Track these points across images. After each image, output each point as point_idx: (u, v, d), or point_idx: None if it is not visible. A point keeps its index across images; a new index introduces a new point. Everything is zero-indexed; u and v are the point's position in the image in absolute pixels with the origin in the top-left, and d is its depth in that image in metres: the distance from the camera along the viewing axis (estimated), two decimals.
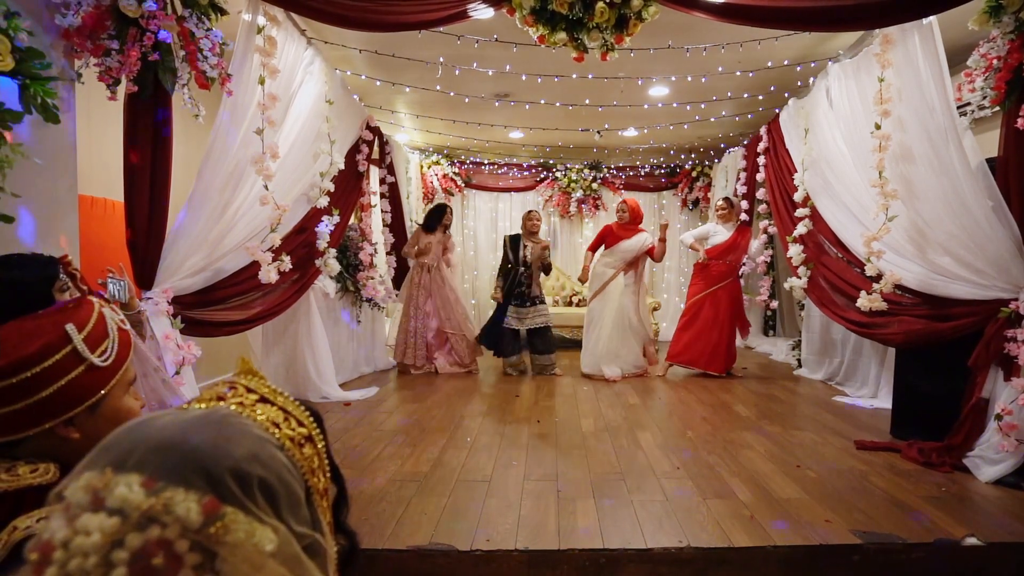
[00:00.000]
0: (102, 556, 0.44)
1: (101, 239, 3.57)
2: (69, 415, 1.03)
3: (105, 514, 0.45)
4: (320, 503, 0.61)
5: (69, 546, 0.45)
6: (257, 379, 0.65)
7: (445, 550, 2.35)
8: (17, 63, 2.12)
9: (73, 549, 0.45)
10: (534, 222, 6.18)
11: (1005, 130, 3.16)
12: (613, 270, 5.96)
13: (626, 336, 5.94)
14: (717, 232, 6.01)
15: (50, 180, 2.62)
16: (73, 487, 0.48)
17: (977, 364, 3.25)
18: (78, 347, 1.04)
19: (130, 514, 0.45)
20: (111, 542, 0.45)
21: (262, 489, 0.50)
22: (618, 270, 5.96)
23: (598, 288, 6.00)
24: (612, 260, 5.98)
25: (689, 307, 5.99)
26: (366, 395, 4.99)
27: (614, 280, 5.96)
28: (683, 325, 5.95)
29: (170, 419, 0.53)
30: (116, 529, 0.45)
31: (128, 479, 0.46)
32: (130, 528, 0.45)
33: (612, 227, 6.09)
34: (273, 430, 0.57)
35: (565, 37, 3.62)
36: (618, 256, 5.95)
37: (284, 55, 3.85)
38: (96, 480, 0.47)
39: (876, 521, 2.57)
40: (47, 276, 1.75)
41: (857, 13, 3.50)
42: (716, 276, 5.88)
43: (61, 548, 0.45)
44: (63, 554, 0.45)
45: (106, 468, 0.48)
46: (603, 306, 5.95)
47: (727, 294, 5.86)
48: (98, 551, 0.44)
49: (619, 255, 5.95)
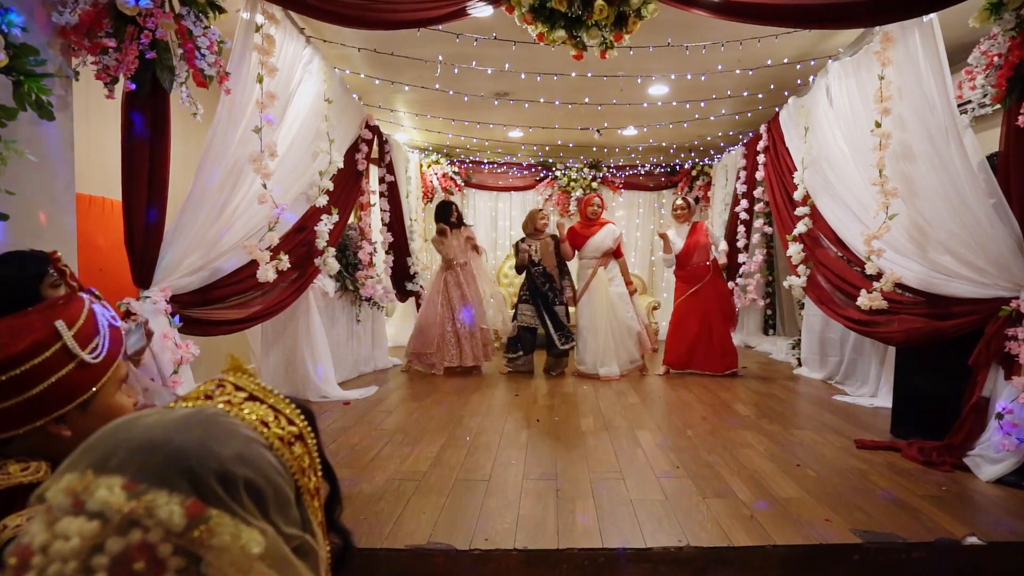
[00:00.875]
0: (82, 561, 0.43)
1: (99, 238, 3.56)
2: (60, 413, 1.02)
3: (85, 518, 0.44)
4: (311, 503, 0.59)
5: (48, 551, 0.44)
6: (246, 376, 0.63)
7: (444, 549, 2.34)
8: (11, 59, 2.11)
9: (52, 554, 0.44)
10: (538, 221, 6.12)
11: (1006, 128, 3.14)
12: (591, 269, 5.95)
13: (620, 333, 5.91)
14: (675, 237, 6.01)
15: (48, 178, 2.61)
16: (54, 489, 0.46)
17: (978, 363, 3.24)
18: (68, 344, 1.03)
19: (111, 518, 0.44)
20: (91, 547, 0.44)
21: (248, 490, 0.49)
22: (596, 266, 5.94)
23: (582, 289, 5.99)
24: (587, 260, 5.99)
25: (676, 309, 6.00)
26: (365, 394, 4.98)
27: (595, 277, 5.93)
28: (673, 330, 5.95)
29: (155, 419, 0.51)
30: (96, 533, 0.44)
31: (109, 481, 0.45)
32: (111, 532, 0.44)
33: (575, 228, 6.10)
34: (262, 429, 0.56)
35: (564, 35, 3.61)
36: (590, 255, 5.95)
37: (283, 53, 3.84)
38: (76, 482, 0.46)
39: (876, 520, 2.56)
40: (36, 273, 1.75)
41: (857, 11, 3.50)
42: (695, 276, 5.88)
43: (40, 553, 0.44)
44: (42, 559, 0.44)
45: (87, 470, 0.47)
46: (591, 307, 5.92)
47: (710, 291, 5.85)
48: (77, 556, 0.43)
49: (591, 253, 5.95)
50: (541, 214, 6.16)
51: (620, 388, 5.37)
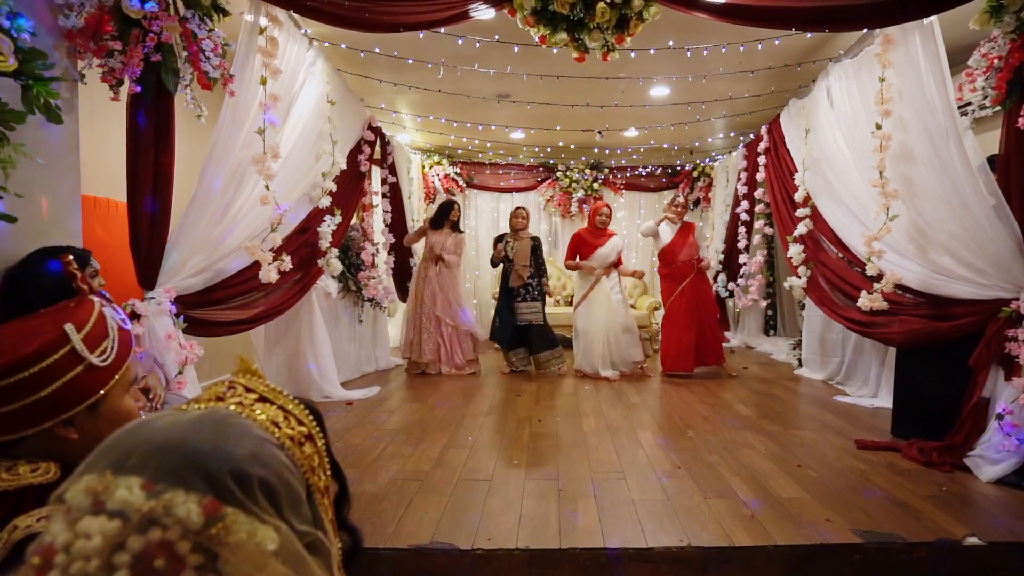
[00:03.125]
0: (104, 559, 0.44)
1: (104, 239, 3.58)
2: (68, 415, 1.03)
3: (106, 517, 0.46)
4: (321, 501, 0.61)
5: (71, 550, 0.45)
6: (256, 378, 0.65)
7: (446, 549, 2.35)
8: (20, 63, 2.13)
9: (75, 553, 0.45)
10: (517, 219, 6.17)
11: (1006, 129, 3.15)
12: (593, 277, 5.97)
13: (619, 340, 5.92)
14: (664, 235, 6.01)
15: (54, 180, 2.63)
16: (73, 490, 0.48)
17: (978, 363, 3.25)
18: (77, 347, 1.04)
19: (131, 516, 0.45)
20: (112, 545, 0.45)
21: (263, 489, 0.50)
22: (599, 276, 5.96)
23: (581, 297, 6.00)
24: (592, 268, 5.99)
25: (668, 310, 6.00)
26: (368, 394, 5.00)
27: (597, 286, 5.95)
28: (667, 331, 5.96)
29: (169, 420, 0.53)
30: (117, 532, 0.45)
31: (128, 481, 0.47)
32: (131, 530, 0.45)
33: (583, 235, 6.09)
34: (273, 429, 0.58)
35: (566, 37, 3.62)
36: (595, 264, 5.96)
37: (286, 56, 3.86)
38: (96, 483, 0.47)
39: (877, 520, 2.57)
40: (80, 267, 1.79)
41: (858, 13, 3.50)
42: (680, 275, 5.91)
43: (63, 552, 0.45)
44: (65, 558, 0.45)
45: (106, 470, 0.48)
46: (590, 316, 5.93)
47: (696, 288, 5.87)
48: (100, 554, 0.44)
49: (595, 262, 5.96)
50: (516, 212, 6.20)
51: (621, 388, 5.38)
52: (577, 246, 6.07)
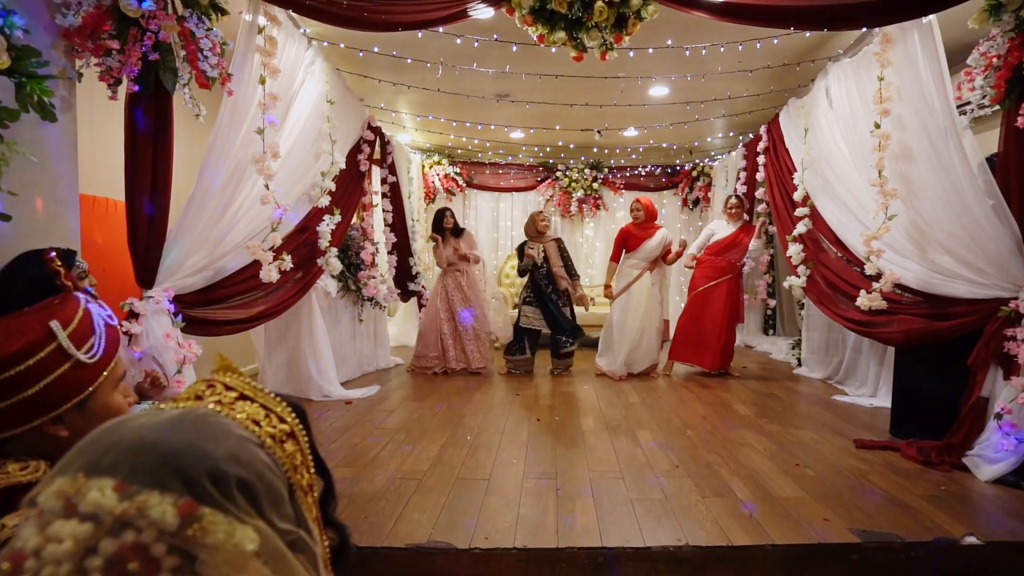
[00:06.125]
0: (75, 563, 0.43)
1: (102, 238, 3.58)
2: (56, 413, 1.03)
3: (77, 520, 0.44)
4: (304, 499, 0.60)
5: (41, 554, 0.43)
6: (236, 376, 0.63)
7: (444, 548, 2.35)
8: (13, 61, 2.12)
9: (45, 557, 0.43)
10: (543, 222, 6.08)
11: (1005, 129, 3.15)
12: (637, 271, 5.90)
13: (649, 339, 5.89)
14: (719, 229, 5.97)
15: (52, 179, 2.63)
16: (46, 493, 0.46)
17: (977, 363, 3.25)
18: (63, 344, 1.03)
19: (103, 519, 0.44)
20: (84, 549, 0.43)
21: (241, 488, 0.49)
22: (643, 270, 5.89)
23: (622, 288, 5.92)
24: (636, 261, 5.92)
25: (691, 301, 5.95)
26: (367, 393, 5.00)
27: (639, 280, 5.88)
28: (685, 321, 5.92)
29: (146, 420, 0.51)
30: (89, 535, 0.44)
31: (101, 483, 0.45)
32: (103, 534, 0.44)
33: (630, 229, 6.00)
34: (253, 428, 0.57)
35: (564, 36, 3.62)
36: (642, 257, 5.90)
37: (285, 55, 3.86)
38: (68, 485, 0.46)
39: (875, 520, 2.56)
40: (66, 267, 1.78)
41: (857, 12, 3.50)
42: (717, 271, 5.83)
43: (33, 556, 0.44)
44: (35, 562, 0.43)
45: (78, 472, 0.47)
46: (627, 310, 5.86)
47: (727, 289, 5.81)
48: (71, 559, 0.43)
49: (643, 255, 5.89)
50: (542, 216, 6.13)
51: (620, 388, 5.38)
52: (624, 239, 5.97)
